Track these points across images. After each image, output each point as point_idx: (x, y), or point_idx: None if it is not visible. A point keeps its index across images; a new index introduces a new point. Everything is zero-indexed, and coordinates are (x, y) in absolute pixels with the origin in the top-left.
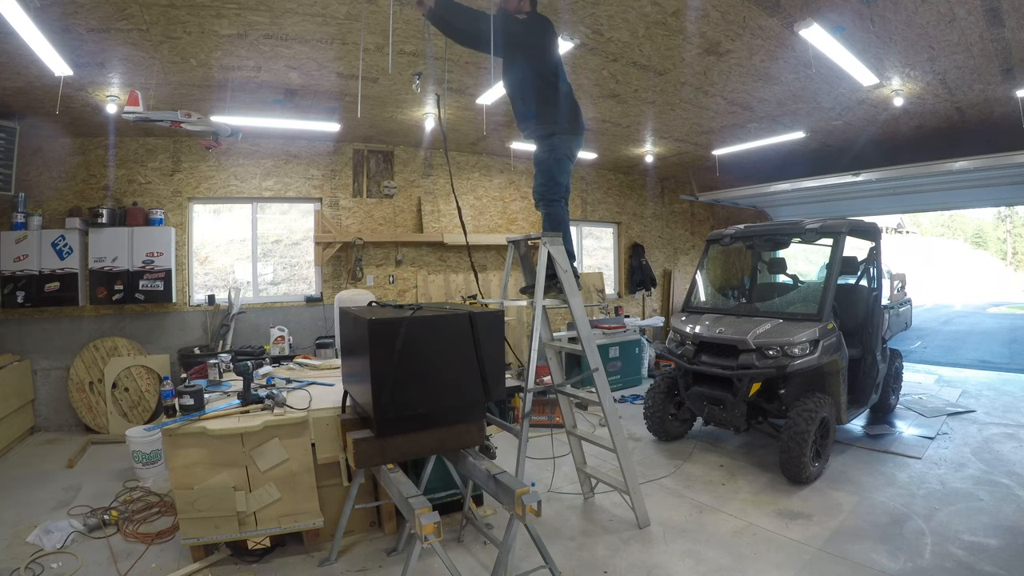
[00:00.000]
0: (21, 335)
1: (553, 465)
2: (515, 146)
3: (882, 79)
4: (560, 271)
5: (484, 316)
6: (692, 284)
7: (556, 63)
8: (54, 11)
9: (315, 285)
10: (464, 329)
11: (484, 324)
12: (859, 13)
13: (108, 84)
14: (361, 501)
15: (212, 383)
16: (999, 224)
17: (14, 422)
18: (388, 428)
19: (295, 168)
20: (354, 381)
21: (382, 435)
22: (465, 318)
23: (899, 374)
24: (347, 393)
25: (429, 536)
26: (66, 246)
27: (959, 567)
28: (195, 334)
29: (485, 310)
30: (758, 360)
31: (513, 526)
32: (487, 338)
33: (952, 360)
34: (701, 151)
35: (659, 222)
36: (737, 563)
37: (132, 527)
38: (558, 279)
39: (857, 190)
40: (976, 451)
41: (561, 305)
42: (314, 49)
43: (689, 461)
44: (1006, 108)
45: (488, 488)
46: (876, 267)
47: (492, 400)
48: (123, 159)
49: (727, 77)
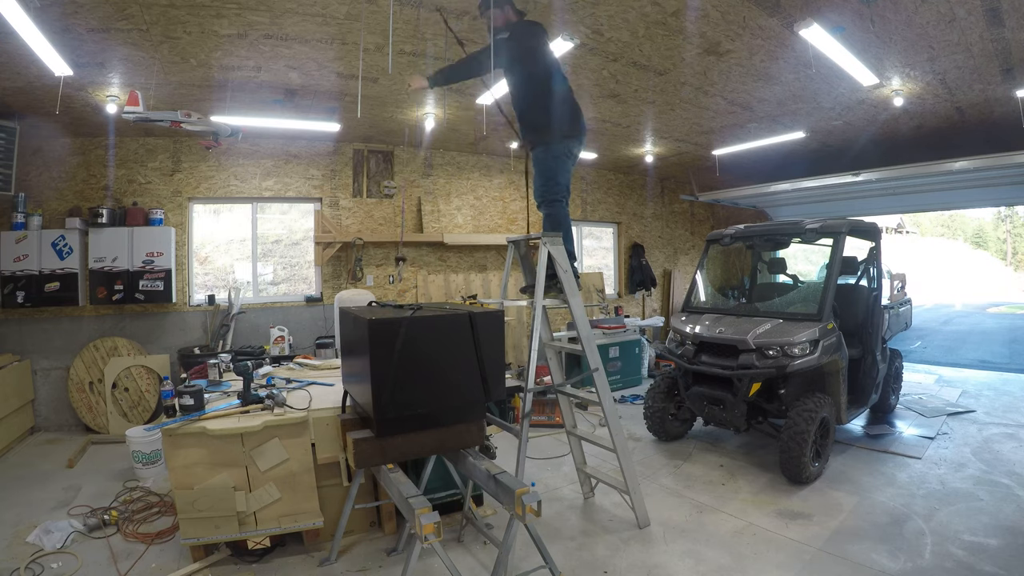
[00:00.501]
0: (21, 335)
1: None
2: (515, 146)
3: (882, 79)
4: (560, 271)
5: (484, 316)
6: (692, 284)
7: (548, 66)
8: (54, 11)
9: (315, 285)
10: (464, 329)
11: (484, 324)
12: (859, 13)
13: (108, 84)
14: (361, 501)
15: (212, 383)
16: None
17: (14, 422)
18: (388, 428)
19: (295, 168)
20: (354, 381)
21: (382, 435)
22: (465, 318)
23: (899, 374)
24: (347, 393)
25: (429, 536)
26: (66, 246)
27: (959, 567)
28: (195, 334)
29: (485, 310)
30: (758, 360)
31: (513, 526)
32: (487, 338)
33: (952, 360)
34: (701, 151)
35: (659, 222)
36: (737, 563)
37: (132, 527)
38: (558, 279)
39: (857, 190)
40: (976, 451)
41: (561, 305)
42: (314, 49)
43: (689, 461)
44: (1006, 108)
45: (488, 488)
46: (876, 267)
47: (492, 400)
48: (123, 159)
49: (727, 77)
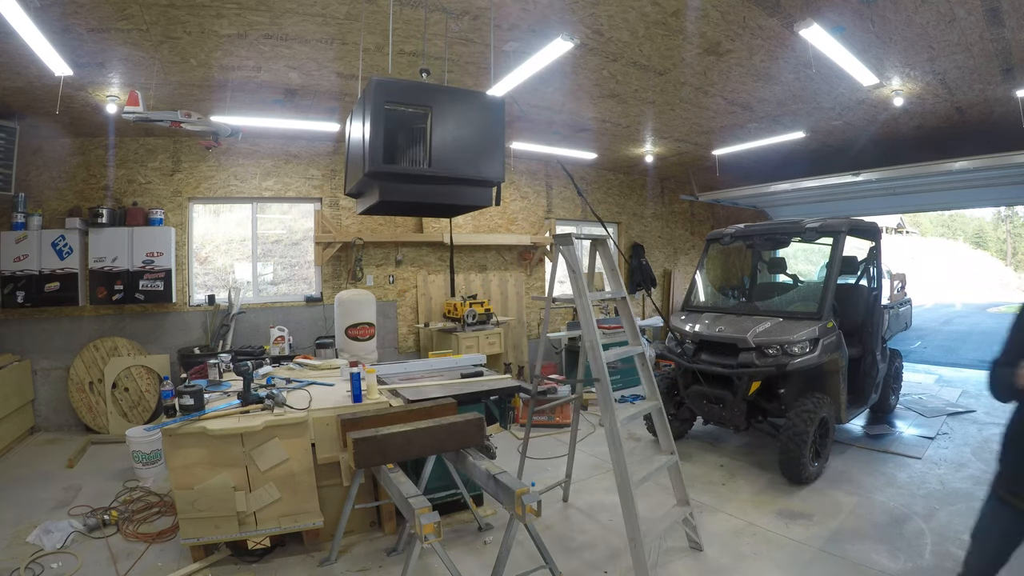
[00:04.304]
0: (21, 335)
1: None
2: (515, 146)
3: (882, 79)
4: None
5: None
6: (692, 283)
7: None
8: (54, 11)
9: (315, 285)
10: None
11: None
12: (859, 13)
13: (108, 84)
14: (361, 501)
15: (212, 383)
16: (999, 224)
17: (14, 422)
18: None
19: (295, 168)
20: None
21: None
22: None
23: (899, 374)
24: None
25: (429, 536)
26: (66, 246)
27: (959, 567)
28: (195, 334)
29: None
30: (758, 359)
31: (513, 526)
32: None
33: (952, 360)
34: (701, 151)
35: (659, 222)
36: (737, 563)
37: (132, 527)
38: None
39: (857, 190)
40: (976, 451)
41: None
42: (314, 49)
43: (689, 461)
44: (1006, 108)
45: (488, 488)
46: (876, 267)
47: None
48: (123, 159)
49: (727, 77)
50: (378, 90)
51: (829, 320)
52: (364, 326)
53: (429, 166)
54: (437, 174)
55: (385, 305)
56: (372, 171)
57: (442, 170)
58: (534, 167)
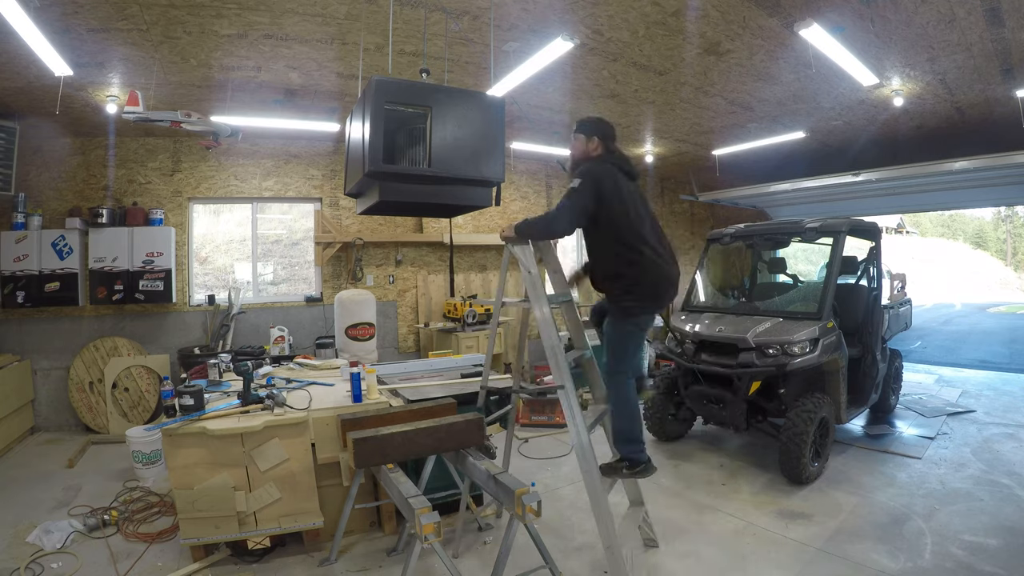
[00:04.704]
0: (21, 335)
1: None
2: (515, 146)
3: (882, 79)
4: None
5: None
6: (692, 283)
7: (612, 216)
8: (54, 11)
9: (315, 285)
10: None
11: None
12: (859, 13)
13: (108, 84)
14: (361, 501)
15: (212, 383)
16: (999, 224)
17: (14, 422)
18: None
19: (295, 168)
20: None
21: None
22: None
23: (899, 374)
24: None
25: (429, 536)
26: (66, 246)
27: (959, 567)
28: (195, 334)
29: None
30: (758, 358)
31: (513, 526)
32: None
33: (952, 360)
34: (701, 151)
35: (659, 222)
36: (737, 563)
37: (132, 527)
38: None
39: (857, 190)
40: (976, 451)
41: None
42: (314, 49)
43: (689, 461)
44: (1006, 108)
45: (488, 488)
46: (876, 267)
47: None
48: (123, 159)
49: (727, 77)
50: (378, 90)
51: (829, 320)
52: (364, 326)
53: (429, 166)
54: (437, 174)
55: (385, 305)
56: (372, 171)
57: (442, 170)
58: (534, 167)
